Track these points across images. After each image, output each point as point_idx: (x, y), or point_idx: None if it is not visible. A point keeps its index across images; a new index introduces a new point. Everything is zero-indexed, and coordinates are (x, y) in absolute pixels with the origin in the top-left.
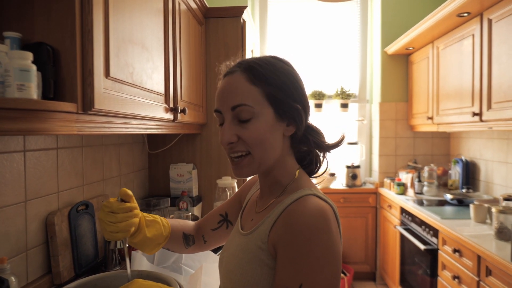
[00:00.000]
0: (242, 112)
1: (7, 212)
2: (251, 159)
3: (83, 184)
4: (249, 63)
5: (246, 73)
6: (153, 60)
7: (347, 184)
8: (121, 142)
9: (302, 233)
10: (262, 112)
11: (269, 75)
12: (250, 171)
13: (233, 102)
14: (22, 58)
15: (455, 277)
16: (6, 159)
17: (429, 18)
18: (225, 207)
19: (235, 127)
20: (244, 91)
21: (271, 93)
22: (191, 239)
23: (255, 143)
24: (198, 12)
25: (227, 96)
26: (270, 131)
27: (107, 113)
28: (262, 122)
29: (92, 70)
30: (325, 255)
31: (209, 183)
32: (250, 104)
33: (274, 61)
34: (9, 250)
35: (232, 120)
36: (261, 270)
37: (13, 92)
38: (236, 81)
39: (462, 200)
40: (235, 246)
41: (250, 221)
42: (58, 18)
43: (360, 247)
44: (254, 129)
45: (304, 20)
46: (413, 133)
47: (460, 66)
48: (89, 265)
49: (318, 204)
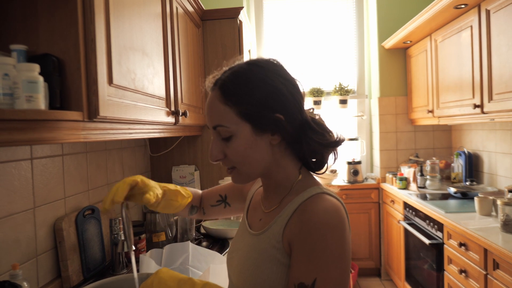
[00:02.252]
0: (221, 132)
1: (17, 219)
2: (237, 172)
3: (88, 189)
4: (223, 79)
5: (220, 92)
6: (153, 65)
7: (348, 180)
8: (123, 147)
9: (318, 229)
10: (239, 130)
11: (242, 93)
12: (242, 181)
13: (212, 122)
14: (30, 70)
15: (461, 271)
16: (14, 167)
17: (426, 11)
18: (225, 189)
19: (220, 144)
20: (218, 112)
21: (245, 112)
22: (195, 210)
23: (238, 160)
24: (195, 15)
25: (208, 115)
26: (251, 147)
27: (112, 119)
28: (242, 139)
29: (96, 78)
30: (339, 251)
31: (211, 184)
32: (225, 125)
33: (250, 70)
34: (20, 256)
35: (216, 137)
36: (277, 269)
37: (22, 104)
38: (212, 101)
39: (466, 193)
40: (246, 247)
41: (258, 221)
42: (62, 29)
43: (364, 243)
44: (234, 148)
45: (299, 17)
46: (414, 127)
47: (459, 58)
48: (97, 269)
49: (332, 201)
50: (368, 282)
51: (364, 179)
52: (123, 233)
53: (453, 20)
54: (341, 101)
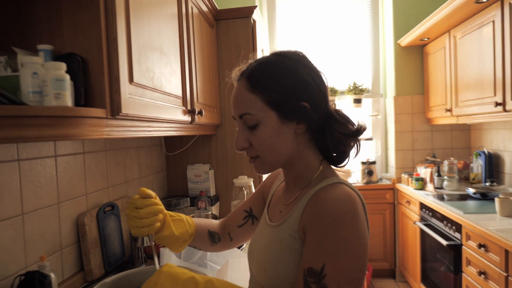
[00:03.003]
0: (247, 120)
1: (43, 214)
2: (261, 161)
3: (108, 186)
4: (250, 69)
5: (247, 81)
6: (170, 64)
7: (362, 180)
8: (140, 145)
9: (329, 215)
10: (266, 118)
11: (268, 81)
12: (264, 171)
13: (239, 111)
14: (57, 69)
15: (481, 273)
16: (40, 164)
17: (445, 6)
18: (249, 203)
19: (246, 133)
20: (245, 100)
21: (271, 99)
22: (216, 237)
23: (264, 148)
24: (209, 15)
25: (234, 105)
26: (276, 135)
27: (133, 117)
28: (268, 127)
29: (118, 77)
30: (350, 238)
31: (225, 183)
32: (252, 113)
33: (276, 60)
34: (47, 249)
35: (242, 126)
36: (295, 258)
37: (50, 101)
38: (239, 90)
39: (485, 193)
40: (265, 238)
41: (278, 213)
42: (85, 29)
43: (378, 244)
44: (260, 136)
45: (312, 15)
46: (431, 126)
47: (480, 54)
48: (117, 263)
49: (345, 189)
50: (382, 284)
51: (379, 179)
52: None
53: (474, 16)
54: (355, 100)
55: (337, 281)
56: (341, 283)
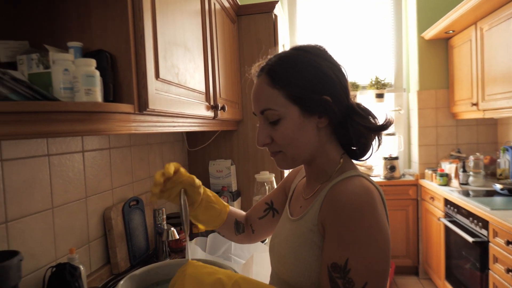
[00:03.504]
0: (269, 116)
1: (72, 208)
2: (283, 156)
3: (133, 181)
4: (271, 64)
5: (267, 76)
6: (194, 60)
7: (385, 176)
8: (163, 141)
9: (347, 208)
10: (288, 113)
11: (289, 76)
12: (287, 166)
13: (260, 106)
14: (87, 65)
15: (509, 271)
16: (69, 159)
17: None
18: (270, 196)
19: (267, 129)
20: (267, 96)
21: (293, 94)
22: (241, 227)
23: (286, 143)
24: (230, 11)
25: (255, 100)
26: (299, 129)
27: (159, 112)
28: (290, 123)
29: (145, 73)
30: (370, 230)
31: (247, 178)
32: (274, 108)
33: (297, 55)
34: (75, 242)
35: (264, 122)
36: (314, 252)
37: (81, 97)
38: (260, 85)
39: None
40: (286, 232)
41: (299, 208)
42: (113, 26)
43: (401, 241)
44: (282, 131)
45: (334, 8)
46: (456, 121)
47: (508, 47)
48: (142, 257)
49: (362, 182)
50: (405, 281)
51: (402, 175)
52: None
53: (502, 7)
54: (377, 95)
55: (362, 274)
56: (366, 276)
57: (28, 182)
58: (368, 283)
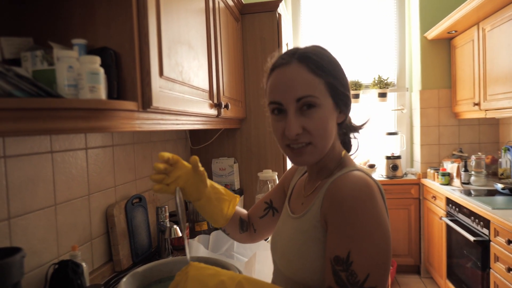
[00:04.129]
0: (307, 103)
1: (75, 205)
2: (313, 148)
3: (136, 178)
4: (304, 53)
5: (305, 64)
6: (198, 58)
7: (387, 175)
8: (166, 139)
9: (346, 201)
10: (325, 102)
11: (328, 65)
12: (312, 159)
13: (298, 93)
14: (92, 62)
15: (510, 269)
16: (72, 156)
17: None
18: (269, 195)
19: (299, 118)
20: (308, 82)
21: (332, 83)
22: (245, 225)
23: (319, 133)
24: (234, 9)
25: (289, 87)
26: (330, 120)
27: (163, 110)
28: (325, 112)
29: (149, 71)
30: (371, 222)
31: (250, 176)
32: (316, 95)
33: (323, 50)
34: (78, 239)
35: (295, 111)
36: (318, 248)
37: (85, 94)
38: (297, 72)
39: None
40: (288, 230)
41: (300, 205)
42: (118, 24)
43: (403, 240)
44: (318, 120)
45: (337, 8)
46: (458, 120)
47: (510, 47)
48: (144, 254)
49: (361, 176)
50: (407, 279)
51: (404, 174)
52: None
53: (504, 7)
54: (380, 94)
55: (364, 266)
56: (368, 267)
57: (31, 178)
58: (370, 275)
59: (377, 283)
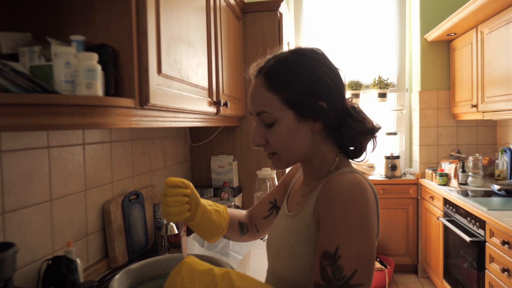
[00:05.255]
0: (264, 118)
1: (71, 200)
2: (278, 157)
3: (133, 175)
4: (268, 67)
5: (264, 79)
6: (197, 56)
7: (386, 175)
8: (165, 136)
9: (339, 197)
10: (283, 117)
11: (286, 80)
12: (282, 166)
13: (256, 108)
14: (89, 59)
15: (504, 270)
16: (69, 151)
17: (473, 1)
18: (273, 194)
19: (263, 130)
20: (263, 98)
21: (289, 99)
22: (245, 227)
23: (280, 146)
24: (236, 8)
25: (252, 101)
26: (293, 133)
27: (160, 107)
28: (284, 126)
29: (147, 68)
30: (362, 220)
31: (248, 174)
32: (269, 111)
33: (294, 59)
34: (73, 235)
35: (259, 123)
36: (309, 248)
37: (82, 90)
38: (257, 88)
39: (510, 190)
40: (283, 227)
41: (295, 204)
42: (117, 21)
43: (401, 239)
44: (277, 134)
45: (339, 9)
46: (456, 122)
47: (507, 51)
48: (140, 251)
49: (355, 176)
50: (404, 279)
51: (403, 174)
52: None
53: (502, 11)
54: (380, 94)
55: (352, 261)
56: (356, 263)
57: (27, 173)
58: (357, 271)
59: (364, 280)
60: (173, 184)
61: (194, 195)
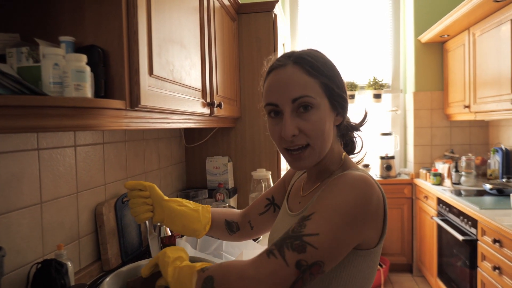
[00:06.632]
0: (303, 104)
1: (62, 203)
2: (311, 150)
3: (127, 177)
4: (300, 55)
5: (300, 66)
6: (190, 58)
7: (381, 175)
8: (160, 137)
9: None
10: (321, 103)
11: (323, 67)
12: (310, 163)
13: (294, 94)
14: (78, 60)
15: (495, 268)
16: (60, 153)
17: (464, 4)
18: (271, 192)
19: (295, 120)
20: (303, 83)
21: (327, 85)
22: (234, 226)
23: (316, 134)
24: (230, 9)
25: (286, 88)
26: (327, 122)
27: (152, 109)
28: (322, 113)
29: (138, 69)
30: (348, 206)
31: (244, 175)
32: (311, 95)
33: (319, 53)
34: (64, 238)
35: (291, 112)
36: None
37: (71, 92)
38: (293, 74)
39: (502, 189)
40: (285, 227)
41: (297, 204)
42: (107, 22)
43: (396, 239)
44: (315, 121)
45: (334, 10)
46: (450, 122)
47: (497, 52)
48: (134, 253)
49: (362, 174)
50: (399, 278)
51: (397, 174)
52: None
53: (493, 14)
54: (375, 95)
55: (319, 226)
56: (321, 230)
57: (16, 176)
58: (319, 235)
59: (321, 249)
60: (130, 187)
61: (156, 196)
